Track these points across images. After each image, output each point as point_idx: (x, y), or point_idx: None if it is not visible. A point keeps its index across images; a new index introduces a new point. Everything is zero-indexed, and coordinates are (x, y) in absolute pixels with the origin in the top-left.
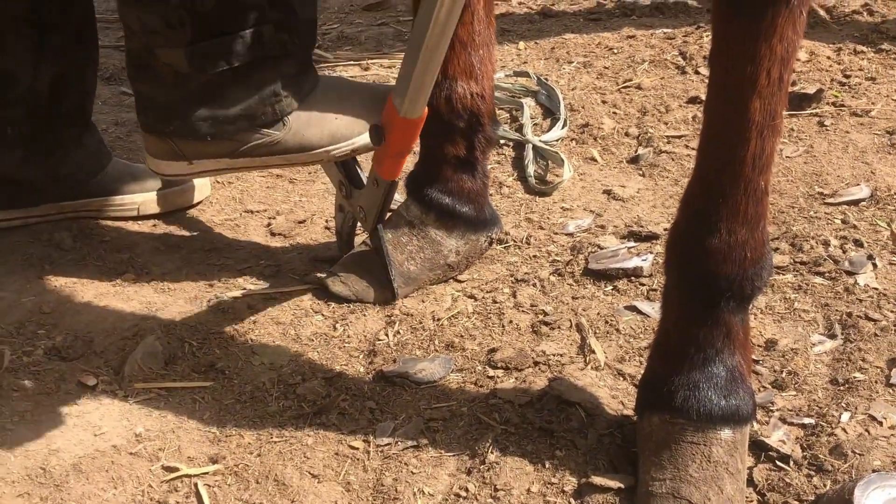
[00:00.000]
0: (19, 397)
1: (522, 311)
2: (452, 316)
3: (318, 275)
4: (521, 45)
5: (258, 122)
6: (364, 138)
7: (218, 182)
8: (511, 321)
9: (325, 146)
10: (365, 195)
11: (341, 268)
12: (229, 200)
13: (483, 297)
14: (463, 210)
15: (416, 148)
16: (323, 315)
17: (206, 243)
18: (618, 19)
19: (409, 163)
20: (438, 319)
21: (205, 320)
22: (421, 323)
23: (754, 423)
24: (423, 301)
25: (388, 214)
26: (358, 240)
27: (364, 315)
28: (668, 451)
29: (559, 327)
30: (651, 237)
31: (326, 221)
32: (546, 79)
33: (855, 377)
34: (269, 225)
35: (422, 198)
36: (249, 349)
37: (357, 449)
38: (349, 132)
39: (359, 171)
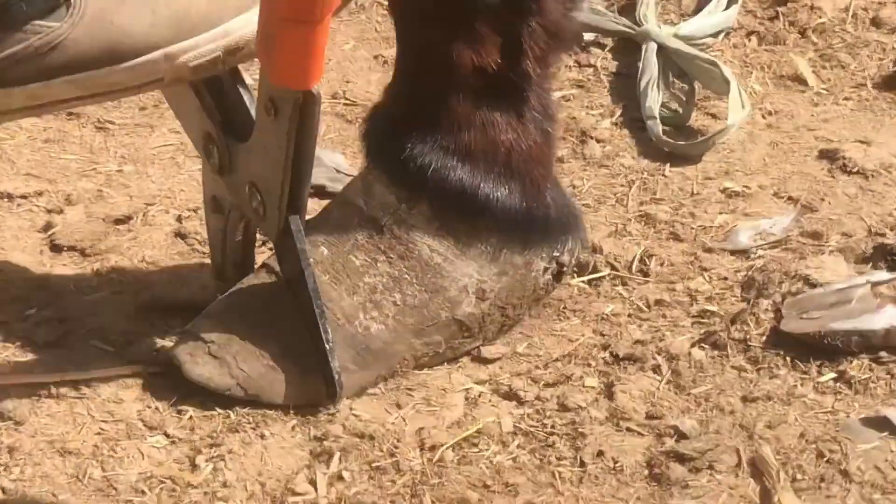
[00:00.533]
0: None
1: (628, 429)
2: (465, 440)
3: (158, 342)
4: None
5: (11, 15)
6: (247, 19)
7: None
8: (600, 453)
9: (161, 45)
10: (257, 152)
11: (212, 324)
12: None
13: (538, 399)
14: (495, 195)
15: (382, 52)
16: (167, 434)
17: None
18: None
19: (368, 82)
20: (433, 448)
21: None
22: (393, 456)
23: None
24: (397, 406)
25: (318, 201)
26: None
27: (263, 435)
28: None
29: (712, 467)
30: None
31: (180, 218)
32: None
33: None
34: (47, 229)
35: (400, 165)
36: None
37: None
38: (213, 8)
39: (246, 99)
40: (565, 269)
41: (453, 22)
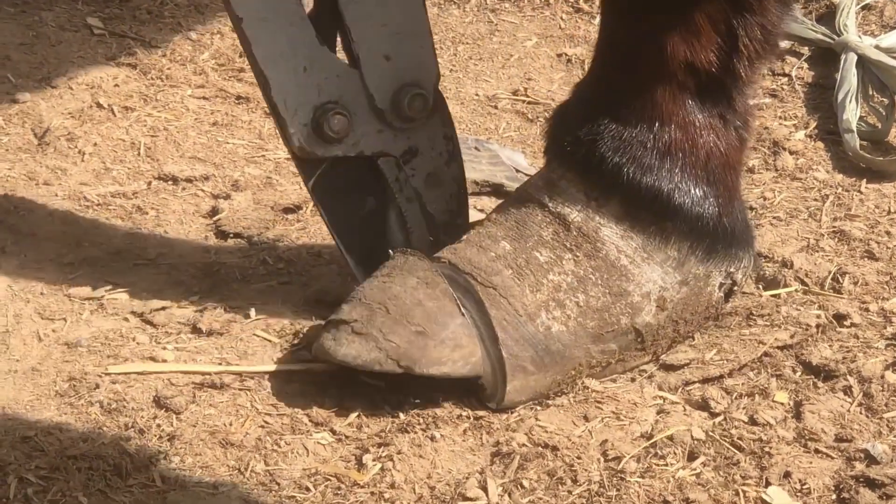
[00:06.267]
0: None
1: (817, 450)
2: (651, 452)
3: (312, 324)
4: None
5: None
6: None
7: (98, 106)
8: (787, 474)
9: None
10: None
11: (351, 305)
12: (126, 149)
13: (727, 407)
14: (690, 198)
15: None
16: (333, 431)
17: (65, 247)
18: None
19: (550, 80)
20: (616, 459)
21: (55, 428)
22: (573, 467)
23: None
24: (585, 418)
25: (496, 200)
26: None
27: (434, 437)
28: None
29: None
30: None
31: None
32: None
33: None
34: (213, 214)
35: (594, 161)
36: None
37: None
38: None
39: None
40: (736, 288)
41: (671, 12)
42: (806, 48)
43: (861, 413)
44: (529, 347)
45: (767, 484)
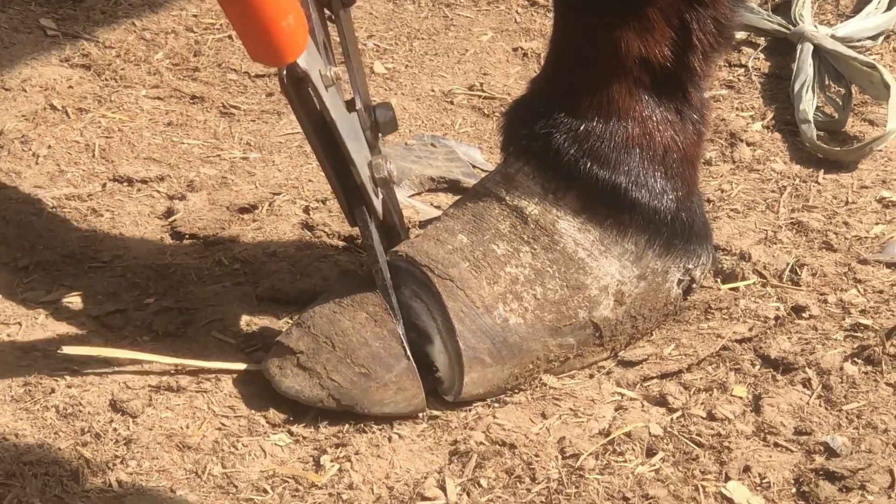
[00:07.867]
0: None
1: (776, 444)
2: (609, 449)
3: (279, 335)
4: None
5: None
6: None
7: (51, 108)
8: (746, 468)
9: None
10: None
11: (301, 332)
12: (80, 151)
13: (685, 403)
14: (647, 192)
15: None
16: (290, 433)
17: (20, 250)
18: None
19: (506, 75)
20: (574, 456)
21: (11, 434)
22: (531, 465)
23: None
24: (542, 416)
25: (453, 196)
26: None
27: (391, 437)
28: None
29: (864, 487)
30: None
31: (308, 209)
32: None
33: None
34: (168, 215)
35: (551, 154)
36: None
37: None
38: None
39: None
40: (695, 285)
41: (625, 7)
42: (762, 39)
43: (820, 405)
44: (487, 339)
45: (727, 479)
